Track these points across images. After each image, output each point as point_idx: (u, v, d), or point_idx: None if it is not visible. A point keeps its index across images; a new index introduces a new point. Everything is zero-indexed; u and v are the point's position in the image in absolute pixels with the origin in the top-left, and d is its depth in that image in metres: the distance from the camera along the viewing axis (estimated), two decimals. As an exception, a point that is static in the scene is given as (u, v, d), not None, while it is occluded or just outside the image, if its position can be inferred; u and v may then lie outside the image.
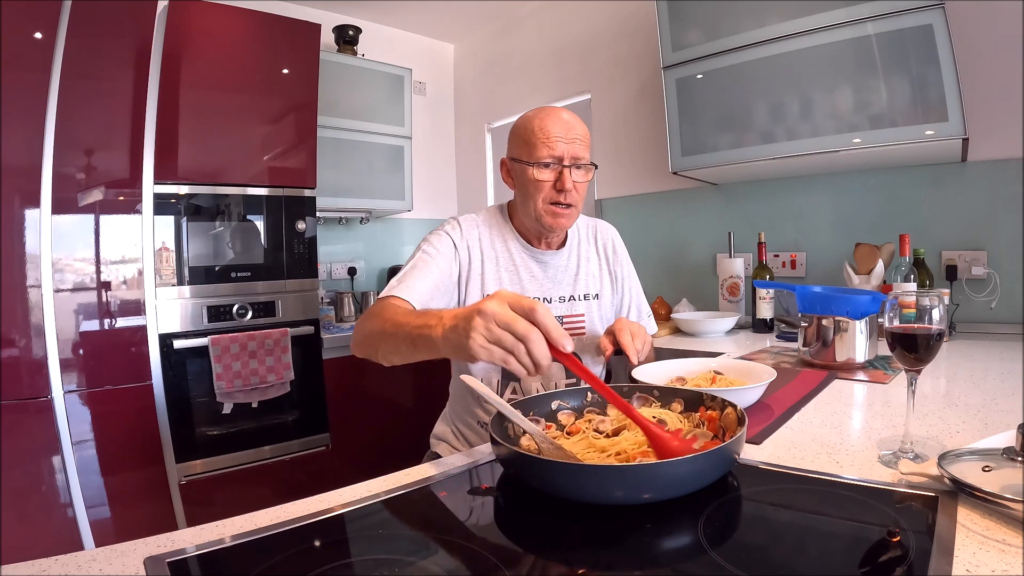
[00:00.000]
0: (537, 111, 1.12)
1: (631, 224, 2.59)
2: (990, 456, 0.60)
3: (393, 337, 0.88)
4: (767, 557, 0.52)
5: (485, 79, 3.38)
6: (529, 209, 1.13)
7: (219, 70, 2.08)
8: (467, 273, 1.15)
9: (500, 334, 0.66)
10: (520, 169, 1.12)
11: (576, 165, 1.10)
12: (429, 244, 1.14)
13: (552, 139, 1.07)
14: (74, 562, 0.53)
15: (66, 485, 1.73)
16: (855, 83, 1.61)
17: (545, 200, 1.10)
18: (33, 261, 1.69)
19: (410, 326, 0.83)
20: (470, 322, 0.67)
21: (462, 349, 0.69)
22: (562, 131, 1.08)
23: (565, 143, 1.08)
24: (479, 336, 0.66)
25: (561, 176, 1.08)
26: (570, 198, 1.10)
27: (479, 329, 0.66)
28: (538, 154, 1.08)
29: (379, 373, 2.50)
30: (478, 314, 0.66)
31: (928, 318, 0.68)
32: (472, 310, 0.68)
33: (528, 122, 1.11)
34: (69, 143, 1.75)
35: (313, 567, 0.52)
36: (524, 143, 1.10)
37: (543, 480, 0.64)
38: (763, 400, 1.01)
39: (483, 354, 0.67)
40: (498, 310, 0.66)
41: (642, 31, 2.50)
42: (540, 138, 1.08)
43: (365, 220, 3.06)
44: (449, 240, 1.15)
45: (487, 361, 0.67)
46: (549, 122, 1.09)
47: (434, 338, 0.75)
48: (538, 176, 1.08)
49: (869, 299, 1.31)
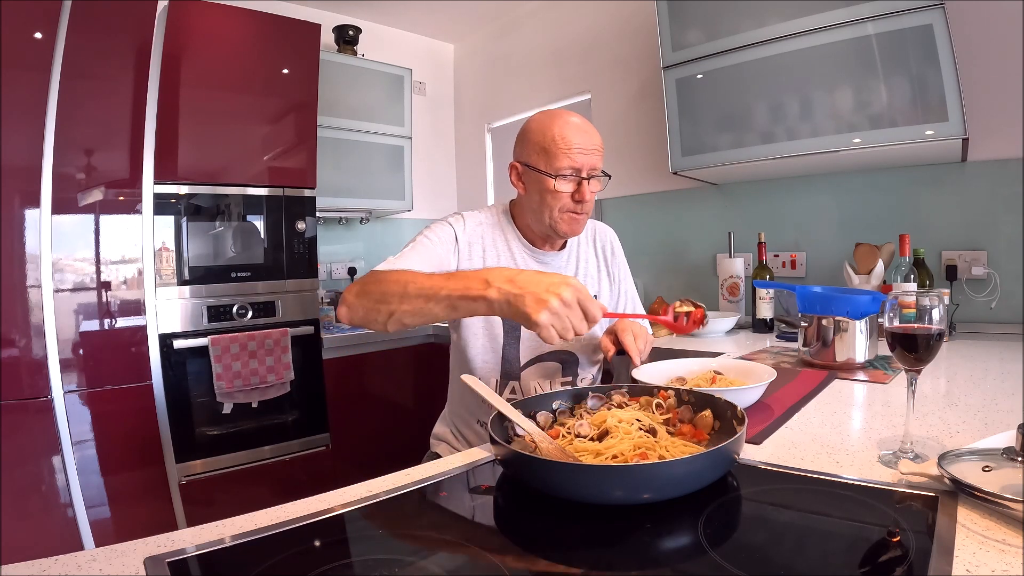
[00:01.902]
0: (554, 117, 1.10)
1: (631, 224, 2.59)
2: (990, 456, 0.60)
3: (419, 298, 0.88)
4: (767, 557, 0.52)
5: (485, 79, 3.38)
6: (543, 216, 1.12)
7: (219, 70, 2.08)
8: (467, 267, 1.15)
9: (565, 319, 0.78)
10: (536, 177, 1.10)
11: (593, 176, 1.10)
12: (431, 231, 1.14)
13: (573, 150, 1.06)
14: (74, 562, 0.53)
15: (66, 485, 1.73)
16: (855, 83, 1.61)
17: (563, 209, 1.10)
18: (33, 261, 1.69)
19: (448, 287, 0.85)
20: (546, 301, 0.77)
21: (523, 317, 0.79)
22: (582, 142, 1.07)
23: (584, 155, 1.07)
24: (547, 314, 0.77)
25: (580, 187, 1.08)
26: (586, 207, 1.11)
27: (551, 307, 0.77)
28: (558, 164, 1.06)
29: (379, 373, 2.51)
30: (556, 296, 0.77)
31: (928, 318, 0.68)
32: (547, 287, 0.78)
33: (546, 129, 1.08)
34: (69, 143, 1.75)
35: (313, 567, 0.52)
36: (543, 151, 1.08)
37: (543, 480, 0.64)
38: (763, 400, 1.01)
39: (543, 331, 0.78)
40: (569, 299, 0.78)
41: (642, 31, 2.50)
42: (561, 148, 1.06)
43: (365, 220, 3.06)
44: (451, 231, 1.15)
45: (544, 336, 0.78)
46: (569, 132, 1.07)
47: (490, 299, 0.81)
48: (559, 187, 1.07)
49: (869, 299, 1.31)
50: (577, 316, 0.78)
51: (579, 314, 0.79)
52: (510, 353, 1.17)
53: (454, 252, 1.13)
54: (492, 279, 0.82)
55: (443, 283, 0.86)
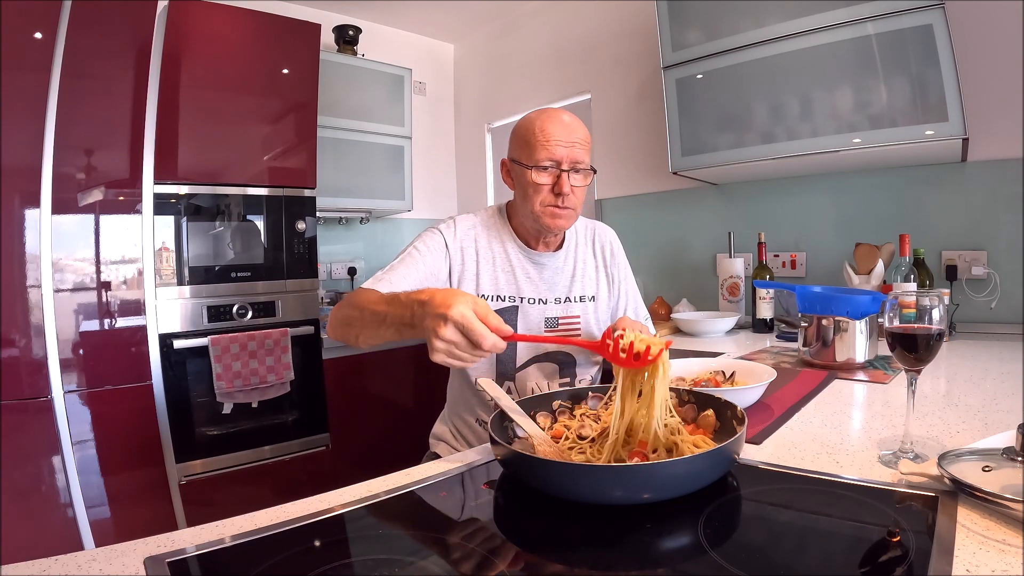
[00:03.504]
0: (539, 112, 1.12)
1: (631, 224, 2.59)
2: (990, 456, 0.60)
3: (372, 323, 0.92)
4: (767, 557, 0.52)
5: (485, 79, 3.38)
6: (527, 210, 1.13)
7: (219, 70, 2.08)
8: (460, 272, 1.15)
9: (454, 351, 0.76)
10: (519, 171, 1.12)
11: (575, 169, 1.09)
12: (421, 241, 1.15)
13: (552, 142, 1.07)
14: (74, 562, 0.53)
15: (66, 485, 1.72)
16: (855, 83, 1.61)
17: (543, 203, 1.10)
18: (33, 261, 1.69)
19: (391, 314, 0.88)
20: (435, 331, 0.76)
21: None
22: (562, 134, 1.08)
23: (564, 147, 1.07)
24: (439, 347, 0.76)
25: (559, 180, 1.08)
26: (568, 201, 1.10)
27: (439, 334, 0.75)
28: (537, 156, 1.08)
29: (379, 373, 2.50)
30: (434, 333, 0.76)
31: (928, 318, 0.68)
32: (434, 317, 0.76)
33: (529, 124, 1.10)
34: (69, 143, 1.75)
35: (313, 567, 0.52)
36: (524, 144, 1.10)
37: (543, 480, 0.64)
38: (763, 400, 1.01)
39: (438, 359, 0.77)
40: (448, 336, 0.75)
41: (642, 31, 2.50)
42: (540, 140, 1.07)
43: (365, 220, 3.06)
44: (441, 239, 1.15)
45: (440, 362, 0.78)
46: (550, 125, 1.08)
47: (415, 326, 0.82)
48: (536, 179, 1.08)
49: (869, 299, 1.31)
50: (463, 345, 0.76)
51: (464, 343, 0.75)
52: (505, 354, 1.16)
53: (445, 260, 1.14)
54: (415, 308, 0.82)
55: (387, 309, 0.89)
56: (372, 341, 0.95)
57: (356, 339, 0.97)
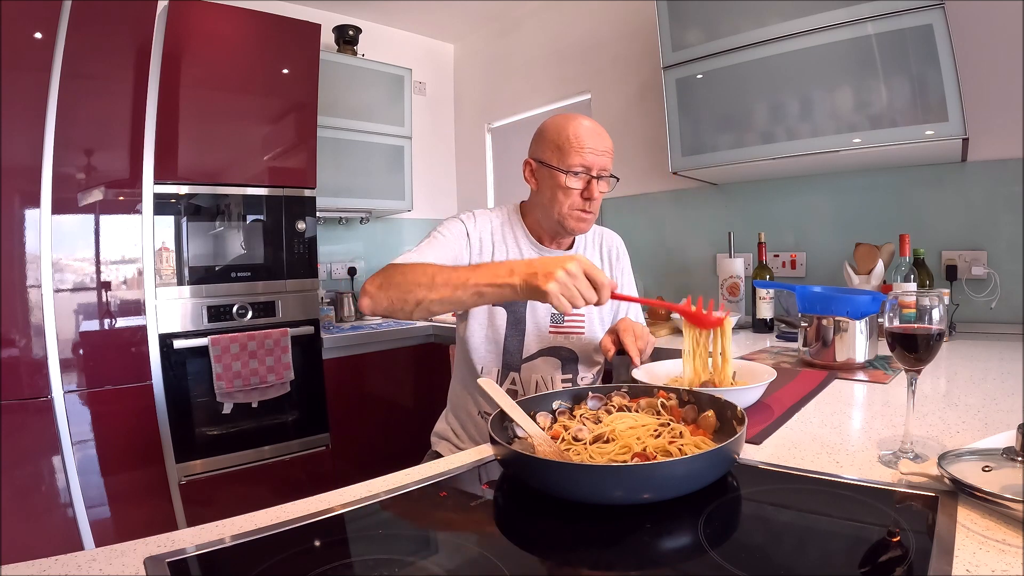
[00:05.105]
0: (569, 119, 1.16)
1: (631, 224, 2.59)
2: (990, 456, 0.60)
3: (446, 287, 0.94)
4: (767, 557, 0.52)
5: (485, 79, 3.37)
6: (552, 212, 1.17)
7: (219, 70, 2.08)
8: (477, 261, 1.19)
9: (571, 288, 0.86)
10: (549, 173, 1.15)
11: (601, 176, 1.15)
12: (444, 227, 1.19)
13: (586, 149, 1.12)
14: (74, 562, 0.53)
15: (66, 485, 1.72)
16: (855, 83, 1.61)
17: (572, 206, 1.15)
18: (33, 261, 1.69)
19: (475, 277, 0.92)
20: (553, 273, 0.85)
21: (537, 292, 0.86)
22: (596, 143, 1.13)
23: (596, 155, 1.13)
24: (554, 284, 0.84)
25: (589, 186, 1.13)
26: (593, 207, 1.16)
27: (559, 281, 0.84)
28: (570, 162, 1.12)
29: (379, 373, 2.51)
30: (562, 268, 0.85)
31: (928, 318, 0.68)
32: (556, 262, 0.86)
33: (562, 128, 1.14)
34: (69, 143, 1.75)
35: (313, 567, 0.52)
36: (557, 148, 1.14)
37: (542, 480, 0.64)
38: (763, 400, 1.01)
39: (553, 299, 0.85)
40: (574, 270, 0.85)
41: (642, 31, 2.50)
42: (575, 146, 1.12)
43: (365, 220, 3.05)
44: (462, 227, 1.20)
45: (555, 304, 0.85)
46: (583, 132, 1.13)
47: (513, 284, 0.89)
48: (569, 183, 1.13)
49: (869, 299, 1.31)
50: (584, 284, 0.85)
51: (585, 283, 0.85)
52: (512, 345, 1.21)
53: (466, 247, 1.19)
54: (514, 267, 0.90)
55: (469, 274, 0.93)
56: (434, 308, 0.96)
57: (416, 305, 0.96)
